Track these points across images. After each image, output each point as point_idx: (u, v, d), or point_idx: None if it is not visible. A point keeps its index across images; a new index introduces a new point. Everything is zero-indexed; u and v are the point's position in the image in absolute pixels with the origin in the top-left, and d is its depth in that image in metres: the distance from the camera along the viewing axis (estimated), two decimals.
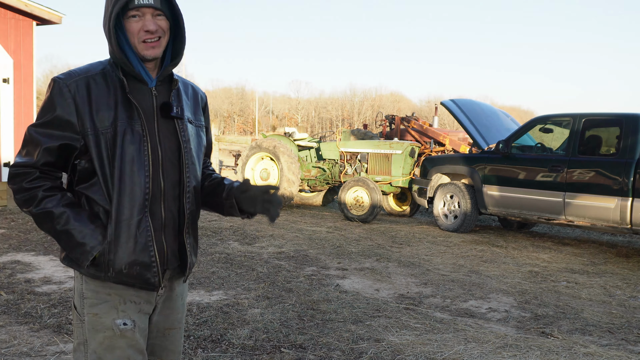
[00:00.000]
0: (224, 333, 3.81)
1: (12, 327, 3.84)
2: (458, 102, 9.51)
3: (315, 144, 10.82)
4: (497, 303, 4.88)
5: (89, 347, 1.71)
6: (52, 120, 1.66)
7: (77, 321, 1.74)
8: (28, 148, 1.68)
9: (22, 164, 1.67)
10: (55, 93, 1.66)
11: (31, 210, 1.67)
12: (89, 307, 1.72)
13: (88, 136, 1.66)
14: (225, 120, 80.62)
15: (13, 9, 8.77)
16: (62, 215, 1.66)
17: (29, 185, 1.66)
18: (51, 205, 1.66)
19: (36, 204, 1.66)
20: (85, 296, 1.72)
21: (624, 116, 6.93)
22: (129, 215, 1.68)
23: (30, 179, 1.66)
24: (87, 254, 1.66)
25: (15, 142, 8.98)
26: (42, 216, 1.66)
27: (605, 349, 3.80)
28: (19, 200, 1.68)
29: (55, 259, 5.82)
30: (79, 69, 1.73)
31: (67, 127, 1.66)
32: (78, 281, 1.75)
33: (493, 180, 7.96)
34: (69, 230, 1.66)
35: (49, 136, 1.66)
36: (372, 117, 61.12)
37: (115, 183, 1.67)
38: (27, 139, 1.68)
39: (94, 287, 1.72)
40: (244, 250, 6.49)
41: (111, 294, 1.72)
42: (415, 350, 3.59)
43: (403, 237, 7.88)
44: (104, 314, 1.71)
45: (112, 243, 1.67)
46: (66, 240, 1.67)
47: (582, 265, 6.52)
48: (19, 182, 1.67)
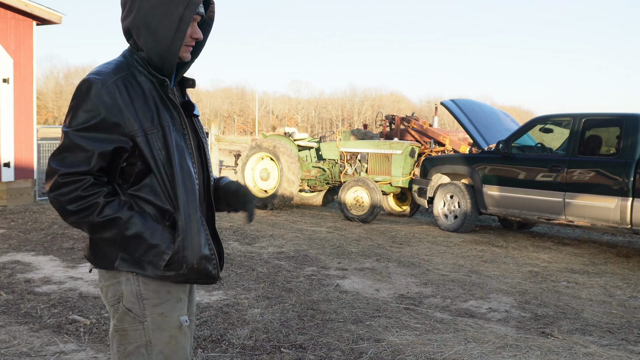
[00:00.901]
0: (224, 333, 3.81)
1: (12, 327, 3.84)
2: (458, 102, 9.51)
3: (315, 144, 10.82)
4: (497, 303, 4.88)
5: (154, 347, 1.69)
6: (98, 124, 1.60)
7: (134, 323, 1.69)
8: (74, 154, 1.59)
9: (75, 172, 1.58)
10: (97, 94, 1.61)
11: (92, 219, 1.59)
12: (152, 307, 1.70)
13: (138, 137, 1.64)
14: (225, 120, 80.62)
15: (13, 9, 8.77)
16: (130, 220, 1.62)
17: (86, 193, 1.59)
18: (115, 210, 1.61)
19: (98, 211, 1.59)
20: (146, 297, 1.69)
21: (624, 116, 6.93)
22: (193, 211, 1.70)
23: (86, 186, 1.59)
24: (162, 254, 1.65)
25: (15, 142, 8.98)
26: (106, 224, 1.60)
27: (606, 349, 3.80)
28: (73, 209, 1.59)
29: (55, 259, 5.82)
30: (108, 68, 1.68)
31: (115, 130, 1.61)
32: (132, 283, 1.69)
33: (493, 180, 7.96)
34: (140, 234, 1.62)
35: (100, 140, 1.60)
36: (372, 117, 61.11)
37: (177, 181, 1.67)
38: (71, 145, 1.60)
39: (154, 287, 1.70)
40: (244, 250, 6.49)
41: (170, 292, 1.73)
42: (415, 350, 3.59)
43: (403, 237, 7.88)
44: (169, 312, 1.71)
45: (185, 240, 1.68)
46: (136, 245, 1.63)
47: (582, 265, 6.52)
48: (74, 191, 1.58)
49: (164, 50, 1.70)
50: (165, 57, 1.70)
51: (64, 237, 6.80)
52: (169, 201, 1.68)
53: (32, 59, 9.17)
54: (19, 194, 9.15)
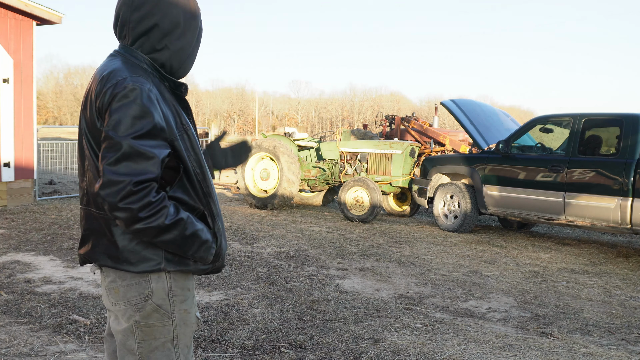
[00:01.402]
0: (224, 333, 3.82)
1: (12, 327, 3.84)
2: (458, 102, 9.51)
3: (315, 144, 10.81)
4: (497, 303, 4.88)
5: (180, 342, 1.77)
6: (151, 130, 1.62)
7: (163, 319, 1.74)
8: (137, 162, 1.59)
9: (146, 179, 1.59)
10: (146, 100, 1.62)
11: (161, 222, 1.62)
12: (180, 303, 1.76)
13: (177, 140, 1.70)
14: (225, 120, 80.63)
15: (13, 9, 8.77)
16: (188, 220, 1.69)
17: (156, 198, 1.61)
18: (177, 212, 1.67)
19: (167, 215, 1.63)
20: (175, 294, 1.75)
21: (624, 116, 6.93)
22: (219, 206, 1.84)
23: (154, 192, 1.61)
24: (210, 249, 1.75)
25: (15, 142, 8.98)
26: (173, 226, 1.64)
27: (605, 349, 3.80)
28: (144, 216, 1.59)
29: (55, 259, 5.82)
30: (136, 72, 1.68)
31: (161, 135, 1.65)
32: (163, 280, 1.73)
33: (493, 180, 7.96)
34: (196, 233, 1.70)
35: (158, 146, 1.63)
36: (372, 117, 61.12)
37: (208, 181, 1.78)
38: (132, 153, 1.58)
39: (182, 283, 1.77)
40: (244, 250, 6.49)
41: (189, 288, 1.81)
42: (415, 350, 3.59)
43: (403, 237, 7.88)
44: (191, 308, 1.80)
45: (220, 234, 1.81)
46: (192, 242, 1.70)
47: (582, 265, 6.52)
48: (145, 197, 1.59)
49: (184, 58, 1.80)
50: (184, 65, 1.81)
51: (64, 237, 6.80)
52: (199, 199, 1.77)
53: (32, 59, 9.17)
54: (19, 194, 9.15)
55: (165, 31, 1.74)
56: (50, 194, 10.58)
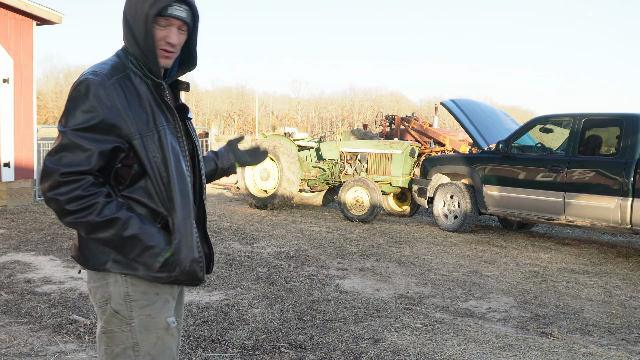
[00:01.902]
0: (224, 333, 3.81)
1: (12, 327, 3.84)
2: (458, 102, 9.51)
3: (315, 144, 10.81)
4: (497, 303, 4.88)
5: (141, 349, 1.70)
6: (97, 125, 1.60)
7: (121, 325, 1.69)
8: (73, 153, 1.59)
9: (76, 171, 1.58)
10: (97, 95, 1.61)
11: (91, 219, 1.59)
12: (140, 308, 1.70)
13: (135, 139, 1.65)
14: (225, 120, 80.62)
15: (13, 9, 8.77)
16: (129, 220, 1.62)
17: (87, 193, 1.58)
18: (114, 211, 1.61)
19: (98, 211, 1.59)
20: (133, 298, 1.70)
21: (624, 116, 6.93)
22: (187, 213, 1.72)
23: (86, 185, 1.59)
24: (157, 256, 1.66)
25: (15, 142, 8.98)
26: (105, 224, 1.60)
27: (605, 349, 3.79)
28: (72, 209, 1.58)
29: (55, 259, 5.82)
30: (105, 69, 1.68)
31: (112, 131, 1.62)
32: (120, 285, 1.70)
33: (493, 180, 7.96)
34: (137, 235, 1.63)
35: (99, 141, 1.60)
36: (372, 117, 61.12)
37: (173, 184, 1.69)
38: (70, 144, 1.59)
39: (142, 289, 1.71)
40: (244, 250, 6.49)
41: (158, 293, 1.73)
42: (415, 350, 3.59)
43: (403, 237, 7.88)
44: (157, 313, 1.72)
45: (180, 242, 1.69)
46: (132, 246, 1.64)
47: (582, 265, 6.51)
48: (73, 190, 1.57)
49: (142, 51, 1.71)
50: (145, 58, 1.71)
51: (64, 237, 6.80)
52: (162, 204, 1.69)
53: (32, 59, 9.17)
54: (19, 194, 9.15)
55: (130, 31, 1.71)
56: None
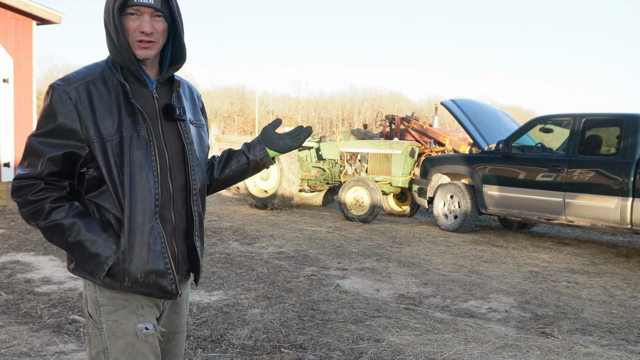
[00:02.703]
0: (224, 333, 3.81)
1: (12, 327, 3.84)
2: (458, 102, 9.51)
3: (315, 144, 10.81)
4: (497, 303, 4.88)
5: (110, 354, 1.68)
6: (54, 130, 1.60)
7: (94, 329, 1.69)
8: (30, 159, 1.62)
9: (26, 175, 1.60)
10: (56, 100, 1.61)
11: (39, 223, 1.61)
12: (107, 314, 1.68)
13: (93, 144, 1.62)
14: (225, 120, 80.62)
15: (13, 9, 8.77)
16: (72, 227, 1.60)
17: (35, 198, 1.59)
18: (60, 216, 1.60)
19: (44, 216, 1.60)
20: (101, 303, 1.68)
21: (624, 116, 6.93)
22: (142, 222, 1.64)
23: (35, 190, 1.60)
24: (101, 264, 1.62)
25: (16, 142, 8.98)
26: (52, 229, 1.60)
27: (606, 349, 3.79)
28: (25, 214, 1.61)
29: (55, 259, 5.82)
30: (77, 73, 1.68)
31: (71, 136, 1.61)
32: (90, 289, 1.70)
33: (493, 180, 7.96)
34: (81, 242, 1.61)
35: (52, 145, 1.60)
36: (372, 117, 61.13)
37: (125, 190, 1.63)
38: (29, 150, 1.62)
39: (109, 294, 1.69)
40: (244, 250, 6.48)
41: (128, 299, 1.70)
42: (415, 350, 3.59)
43: (403, 237, 7.88)
44: (124, 319, 1.68)
45: (126, 252, 1.63)
46: (79, 252, 1.63)
47: (582, 265, 6.51)
48: (23, 195, 1.60)
49: (119, 50, 1.65)
50: (120, 54, 1.65)
51: None
52: (122, 209, 1.64)
53: (32, 59, 9.17)
54: None
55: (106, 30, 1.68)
56: None
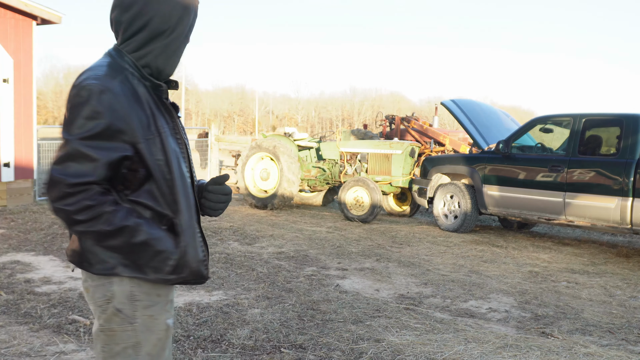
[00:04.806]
0: (224, 333, 3.81)
1: (12, 327, 3.84)
2: (458, 102, 9.51)
3: (315, 144, 10.81)
4: (497, 303, 4.88)
5: (142, 349, 1.69)
6: (102, 132, 1.56)
7: (124, 324, 1.68)
8: (81, 163, 1.55)
9: (82, 182, 1.54)
10: (99, 100, 1.56)
11: (101, 228, 1.56)
12: (143, 309, 1.69)
13: (139, 143, 1.61)
14: (225, 120, 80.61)
15: (13, 9, 8.77)
16: (138, 227, 1.60)
17: (93, 202, 1.55)
18: (122, 218, 1.59)
19: (107, 220, 1.56)
20: (138, 298, 1.68)
21: (624, 116, 6.93)
22: (190, 215, 1.73)
23: (91, 195, 1.55)
24: (167, 260, 1.66)
25: (15, 142, 8.98)
26: (116, 232, 1.58)
27: (606, 349, 3.79)
28: (81, 219, 1.55)
29: (55, 259, 5.81)
30: (104, 71, 1.64)
31: (118, 137, 1.58)
32: (124, 284, 1.68)
33: (493, 180, 7.96)
34: (147, 241, 1.62)
35: (104, 149, 1.57)
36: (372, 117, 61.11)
37: (177, 187, 1.68)
38: (76, 154, 1.55)
39: (146, 289, 1.69)
40: (244, 250, 6.48)
41: (160, 294, 1.73)
42: (415, 350, 3.59)
43: (403, 237, 7.88)
44: (158, 315, 1.72)
45: (187, 245, 1.70)
46: (142, 252, 1.63)
47: (582, 265, 6.51)
48: (81, 201, 1.54)
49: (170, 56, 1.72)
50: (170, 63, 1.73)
51: (64, 237, 6.80)
52: (167, 206, 1.68)
53: (32, 59, 9.17)
54: (19, 194, 9.15)
55: (154, 31, 1.68)
56: None
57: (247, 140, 19.24)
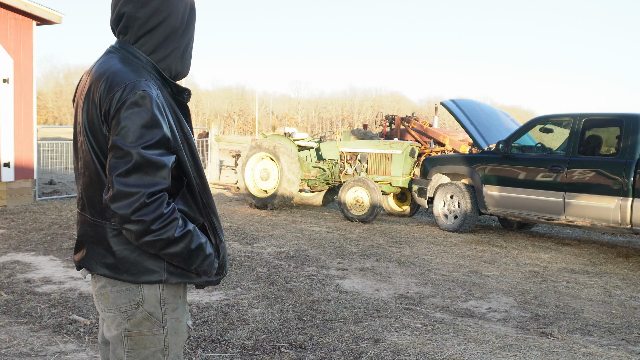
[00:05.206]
0: (224, 333, 3.82)
1: (12, 327, 3.84)
2: (458, 102, 9.51)
3: (315, 144, 10.81)
4: (497, 303, 4.88)
5: (171, 352, 1.71)
6: (160, 140, 1.55)
7: (154, 328, 1.67)
8: (148, 172, 1.52)
9: (159, 190, 1.52)
10: (154, 107, 1.54)
11: (171, 235, 1.54)
12: (172, 311, 1.70)
13: (180, 150, 1.63)
14: (225, 120, 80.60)
15: (13, 9, 8.77)
16: (195, 232, 1.62)
17: (167, 210, 1.54)
18: (185, 224, 1.59)
19: (177, 226, 1.56)
20: (167, 301, 1.68)
21: (624, 116, 6.93)
22: (218, 217, 1.78)
23: (165, 203, 1.55)
24: (213, 262, 1.70)
25: (15, 142, 8.98)
26: (181, 238, 1.57)
27: (606, 349, 3.80)
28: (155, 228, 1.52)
29: (55, 259, 5.82)
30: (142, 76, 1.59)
31: (168, 144, 1.58)
32: (154, 288, 1.66)
33: (493, 180, 7.96)
34: (201, 246, 1.63)
35: (166, 155, 1.57)
36: (372, 117, 61.14)
37: (208, 190, 1.72)
38: (144, 163, 1.51)
39: (174, 292, 1.70)
40: (244, 250, 6.49)
41: (181, 296, 1.74)
42: (415, 350, 3.59)
43: (403, 237, 7.88)
44: (182, 316, 1.74)
45: (223, 247, 1.76)
46: (197, 256, 1.63)
47: (582, 265, 6.52)
48: (157, 209, 1.52)
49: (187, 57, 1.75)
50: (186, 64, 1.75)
51: (64, 237, 6.80)
52: (199, 210, 1.70)
53: (32, 59, 9.17)
54: (19, 194, 9.15)
55: (171, 29, 1.66)
56: (50, 194, 10.58)
57: (247, 140, 19.25)
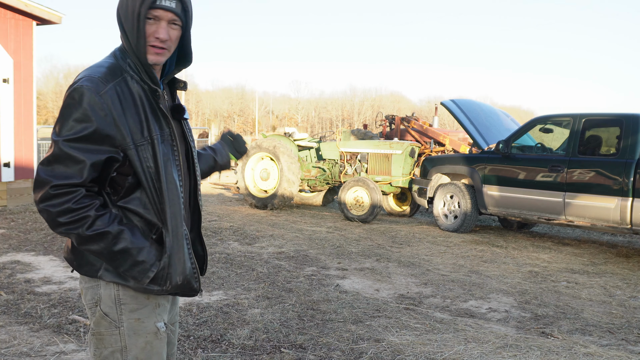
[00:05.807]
0: (224, 333, 3.82)
1: (12, 327, 3.84)
2: (458, 102, 9.51)
3: (315, 144, 10.81)
4: (497, 303, 4.88)
5: (129, 353, 1.68)
6: (90, 135, 1.55)
7: (110, 328, 1.67)
8: (65, 165, 1.55)
9: (67, 183, 1.54)
10: (90, 104, 1.55)
11: (81, 232, 1.56)
12: (129, 312, 1.68)
13: (130, 149, 1.60)
14: (225, 120, 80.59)
15: (13, 9, 8.77)
16: (119, 235, 1.58)
17: (78, 206, 1.54)
18: (105, 224, 1.57)
19: (89, 225, 1.55)
20: (123, 302, 1.67)
21: (624, 116, 6.93)
22: (177, 225, 1.69)
23: (77, 198, 1.55)
24: (147, 271, 1.63)
25: (15, 142, 8.98)
26: (96, 237, 1.57)
27: (605, 349, 3.80)
28: (63, 221, 1.55)
29: (55, 259, 5.82)
30: (100, 73, 1.61)
31: (106, 141, 1.57)
32: (109, 288, 1.67)
33: (493, 181, 7.96)
34: (127, 249, 1.60)
35: (91, 151, 1.55)
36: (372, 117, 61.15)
37: (164, 196, 1.65)
38: (62, 155, 1.54)
39: (133, 293, 1.68)
40: (244, 250, 6.48)
41: (149, 297, 1.71)
42: (415, 350, 3.59)
43: (403, 237, 7.88)
44: (146, 318, 1.70)
45: (171, 257, 1.67)
46: (122, 260, 1.61)
47: (582, 265, 6.51)
48: (65, 203, 1.53)
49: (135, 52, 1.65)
50: (139, 59, 1.65)
51: (63, 237, 6.80)
52: (157, 215, 1.66)
53: (32, 59, 9.17)
54: (19, 194, 9.15)
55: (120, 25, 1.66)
56: None
57: (247, 140, 19.24)
